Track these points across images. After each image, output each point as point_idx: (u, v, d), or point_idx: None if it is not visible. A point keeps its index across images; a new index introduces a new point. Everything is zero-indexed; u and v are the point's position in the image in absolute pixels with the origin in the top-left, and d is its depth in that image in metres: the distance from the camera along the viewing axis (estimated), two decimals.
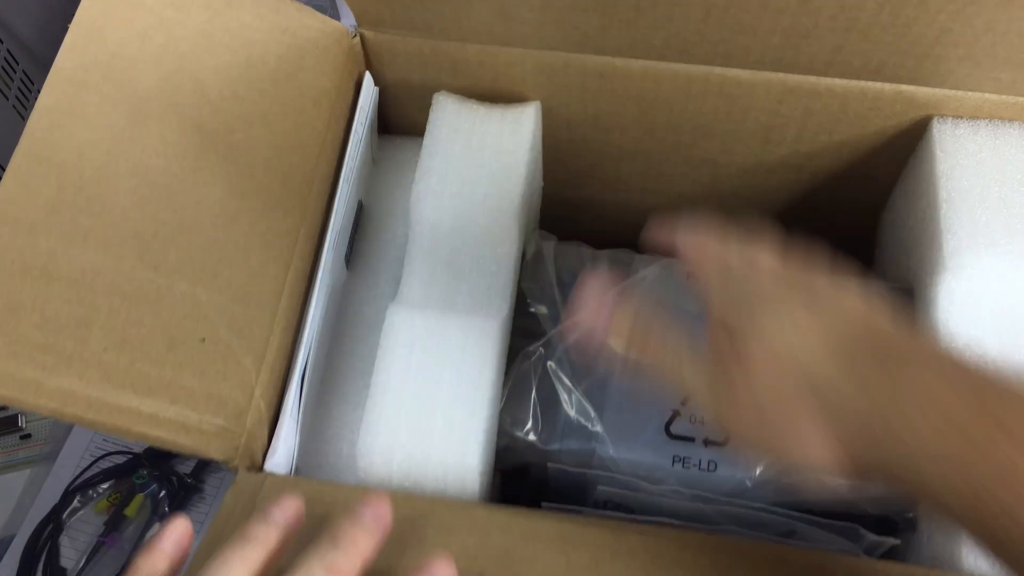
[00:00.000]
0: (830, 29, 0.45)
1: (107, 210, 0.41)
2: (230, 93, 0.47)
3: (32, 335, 0.38)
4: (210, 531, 0.40)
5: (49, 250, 0.40)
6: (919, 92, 0.50)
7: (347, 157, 0.51)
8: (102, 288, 0.40)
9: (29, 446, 0.70)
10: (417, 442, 0.44)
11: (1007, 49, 0.45)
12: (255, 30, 0.49)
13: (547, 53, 0.51)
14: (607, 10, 0.47)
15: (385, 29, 0.52)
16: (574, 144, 0.58)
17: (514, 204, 0.50)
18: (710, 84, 0.51)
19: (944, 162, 0.49)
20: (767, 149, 0.56)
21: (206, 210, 0.44)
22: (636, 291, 0.38)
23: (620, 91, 0.53)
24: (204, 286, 0.43)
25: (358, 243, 0.55)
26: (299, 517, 0.35)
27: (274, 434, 0.45)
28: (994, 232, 0.47)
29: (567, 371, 0.48)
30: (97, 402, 0.39)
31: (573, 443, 0.47)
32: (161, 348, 0.41)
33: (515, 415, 0.47)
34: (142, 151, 0.43)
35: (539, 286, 0.51)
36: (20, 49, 0.74)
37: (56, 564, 0.64)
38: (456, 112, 0.53)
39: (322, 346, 0.49)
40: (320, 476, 0.48)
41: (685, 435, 0.47)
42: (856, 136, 0.54)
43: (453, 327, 0.46)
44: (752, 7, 0.45)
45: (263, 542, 0.33)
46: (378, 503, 0.35)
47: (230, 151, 0.46)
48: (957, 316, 0.47)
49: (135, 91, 0.44)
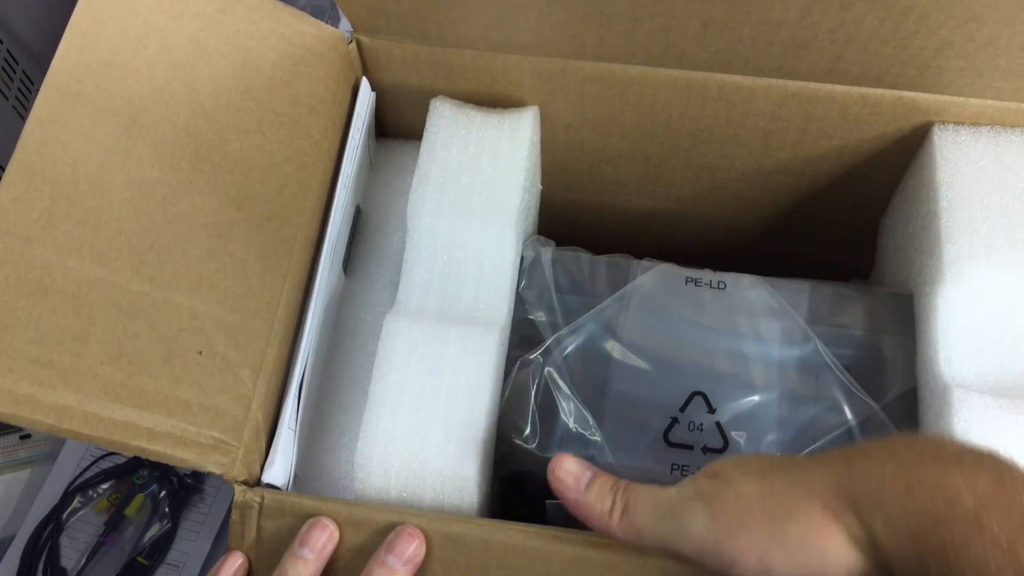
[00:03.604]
0: (830, 42, 0.45)
1: (102, 222, 0.41)
2: (225, 102, 0.47)
3: (28, 350, 0.38)
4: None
5: (44, 264, 0.39)
6: (920, 98, 0.49)
7: (344, 163, 0.51)
8: (98, 301, 0.40)
9: (29, 446, 0.71)
10: (415, 451, 0.44)
11: (1009, 61, 0.45)
12: (250, 37, 0.49)
13: (544, 59, 0.51)
14: (604, 20, 0.46)
15: (381, 36, 0.52)
16: (572, 149, 0.58)
17: (512, 209, 0.50)
18: (709, 89, 0.51)
19: (945, 169, 0.49)
20: (767, 154, 0.56)
21: (202, 221, 0.44)
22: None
23: (618, 96, 0.53)
24: (201, 298, 0.43)
25: (356, 248, 0.55)
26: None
27: (272, 445, 0.45)
28: (995, 241, 0.47)
29: (566, 379, 0.48)
30: (94, 417, 0.39)
31: (572, 451, 0.47)
32: (158, 361, 0.41)
33: (514, 423, 0.47)
34: (136, 162, 0.43)
35: (537, 292, 0.50)
36: (20, 49, 0.74)
37: (56, 564, 0.64)
38: (453, 117, 0.53)
39: (319, 355, 0.49)
40: (318, 485, 0.48)
41: (684, 443, 0.47)
42: (856, 141, 0.53)
43: (451, 335, 0.46)
44: (750, 20, 0.44)
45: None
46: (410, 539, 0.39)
47: (225, 160, 0.46)
48: (957, 325, 0.47)
49: (129, 101, 0.44)
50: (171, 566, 0.65)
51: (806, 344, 0.48)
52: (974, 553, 0.29)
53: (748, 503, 0.34)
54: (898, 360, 0.48)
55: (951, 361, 0.46)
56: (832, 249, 0.64)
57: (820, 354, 0.48)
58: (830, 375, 0.47)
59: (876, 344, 0.49)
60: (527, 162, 0.51)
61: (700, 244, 0.65)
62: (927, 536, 0.30)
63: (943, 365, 0.46)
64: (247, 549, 0.42)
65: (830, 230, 0.62)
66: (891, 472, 0.31)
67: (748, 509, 0.34)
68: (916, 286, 0.50)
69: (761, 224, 0.63)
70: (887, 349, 0.49)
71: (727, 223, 0.63)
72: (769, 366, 0.48)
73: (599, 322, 0.49)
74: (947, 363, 0.46)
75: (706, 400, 0.47)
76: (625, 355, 0.48)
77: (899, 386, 0.48)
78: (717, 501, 0.34)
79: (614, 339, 0.49)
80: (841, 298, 0.50)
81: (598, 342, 0.49)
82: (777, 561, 0.32)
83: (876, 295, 0.51)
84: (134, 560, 0.64)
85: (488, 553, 0.40)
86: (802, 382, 0.47)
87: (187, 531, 0.66)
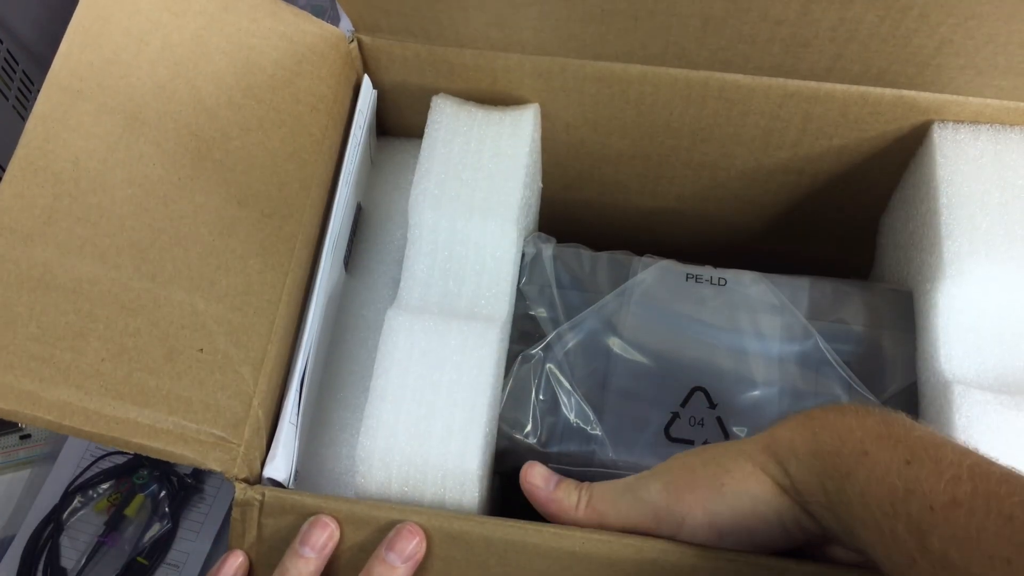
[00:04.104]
0: (830, 39, 0.45)
1: (104, 219, 0.41)
2: (227, 99, 0.47)
3: (29, 346, 0.38)
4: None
5: (45, 260, 0.39)
6: (920, 97, 0.49)
7: (346, 160, 0.51)
8: (99, 298, 0.40)
9: (29, 446, 0.71)
10: (416, 446, 0.44)
11: (1008, 59, 0.45)
12: (252, 35, 0.49)
13: (545, 58, 0.51)
14: (605, 19, 0.46)
15: (382, 35, 0.52)
16: (573, 147, 0.58)
17: (513, 206, 0.50)
18: (709, 88, 0.51)
19: (945, 167, 0.49)
20: (767, 153, 0.56)
21: (203, 218, 0.44)
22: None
23: (618, 95, 0.53)
24: (202, 295, 0.43)
25: (357, 245, 0.55)
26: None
27: (273, 440, 0.45)
28: (995, 238, 0.47)
29: (567, 374, 0.48)
30: (95, 414, 0.39)
31: (573, 446, 0.47)
32: (159, 358, 0.41)
33: (515, 418, 0.47)
34: (138, 159, 0.43)
35: (538, 288, 0.51)
36: (20, 49, 0.74)
37: (56, 564, 0.64)
38: (454, 114, 0.53)
39: (321, 351, 0.49)
40: (320, 480, 0.48)
41: (684, 438, 0.47)
42: (856, 140, 0.53)
43: (452, 330, 0.46)
44: (751, 18, 0.44)
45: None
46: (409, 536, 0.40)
47: (227, 158, 0.46)
48: (957, 322, 0.47)
49: (131, 98, 0.44)
50: (171, 566, 0.65)
51: (806, 340, 0.48)
52: (862, 475, 0.33)
53: (692, 468, 0.39)
54: (898, 356, 0.48)
55: (951, 358, 0.46)
56: (832, 248, 0.64)
57: (820, 349, 0.48)
58: (830, 370, 0.47)
59: (876, 340, 0.49)
60: (528, 159, 0.51)
61: (700, 243, 0.66)
62: (827, 469, 0.35)
63: (943, 362, 0.46)
64: (248, 547, 0.42)
65: (830, 229, 0.62)
66: (801, 424, 0.37)
67: (692, 472, 0.39)
68: (916, 283, 0.50)
69: (761, 223, 0.63)
70: (887, 345, 0.49)
71: (727, 222, 0.63)
72: (770, 361, 0.48)
73: (600, 318, 0.49)
74: (947, 360, 0.46)
75: (707, 395, 0.47)
76: (626, 350, 0.49)
77: (899, 381, 0.48)
78: (666, 472, 0.40)
79: (615, 335, 0.49)
80: (841, 294, 0.50)
81: (599, 338, 0.49)
82: (718, 510, 0.38)
83: (876, 291, 0.51)
84: (134, 560, 0.64)
85: (488, 550, 0.40)
86: (802, 377, 0.47)
87: (187, 531, 0.66)
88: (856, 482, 0.34)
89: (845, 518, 0.34)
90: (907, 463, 0.33)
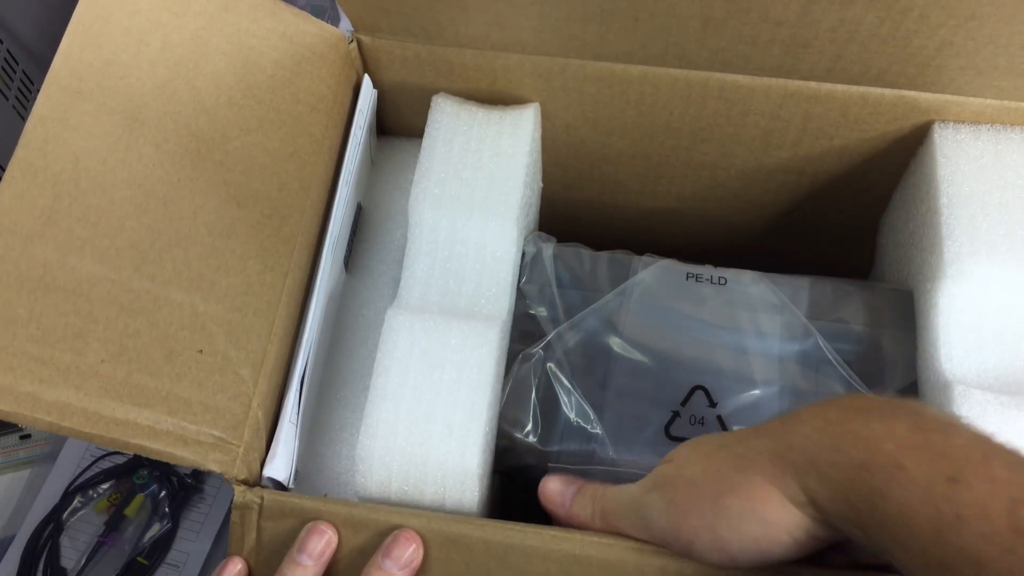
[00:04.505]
0: (830, 40, 0.45)
1: (103, 220, 0.41)
2: (226, 100, 0.47)
3: (29, 347, 0.38)
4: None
5: (45, 261, 0.39)
6: (920, 97, 0.49)
7: (346, 160, 0.51)
8: (99, 299, 0.40)
9: (29, 446, 0.71)
10: (416, 445, 0.44)
11: (1009, 60, 0.45)
12: (252, 35, 0.49)
13: (545, 59, 0.51)
14: (605, 19, 0.46)
15: (382, 35, 0.52)
16: (573, 146, 0.58)
17: (513, 206, 0.50)
18: (709, 88, 0.51)
19: (945, 167, 0.49)
20: (767, 153, 0.56)
21: (203, 219, 0.44)
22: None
23: (619, 95, 0.53)
24: (202, 296, 0.43)
25: (357, 245, 0.55)
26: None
27: (273, 440, 0.45)
28: (995, 238, 0.47)
29: (567, 373, 0.48)
30: (94, 415, 0.39)
31: (573, 444, 0.47)
32: (159, 359, 0.41)
33: (515, 417, 0.47)
34: (138, 160, 0.43)
35: (538, 288, 0.51)
36: (20, 49, 0.74)
37: (56, 564, 0.64)
38: (455, 114, 0.53)
39: (321, 351, 0.49)
40: (319, 480, 0.48)
41: (685, 437, 0.47)
42: (857, 140, 0.53)
43: (452, 330, 0.46)
44: (751, 19, 0.44)
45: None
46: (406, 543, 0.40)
47: (227, 158, 0.46)
48: (958, 322, 0.47)
49: (130, 98, 0.44)
50: (171, 566, 0.65)
51: (807, 339, 0.48)
52: (898, 494, 0.30)
53: (695, 485, 0.36)
54: (898, 355, 0.48)
55: (952, 358, 0.46)
56: (832, 248, 0.64)
57: (821, 349, 0.48)
58: (831, 369, 0.47)
59: (876, 339, 0.49)
60: (528, 158, 0.51)
61: (700, 243, 0.65)
62: (855, 485, 0.31)
63: (944, 362, 0.46)
64: (247, 551, 0.42)
65: (830, 229, 0.62)
66: (819, 430, 0.33)
67: (696, 490, 0.36)
68: (916, 283, 0.50)
69: (761, 223, 0.63)
70: (887, 344, 0.49)
71: (727, 222, 0.63)
72: (770, 360, 0.48)
73: (600, 317, 0.49)
74: (948, 360, 0.46)
75: (707, 394, 0.47)
76: (626, 349, 0.49)
77: (899, 380, 0.48)
78: (670, 489, 0.37)
79: (615, 334, 0.49)
80: (841, 293, 0.50)
81: (599, 337, 0.49)
82: (726, 535, 0.34)
83: (876, 290, 0.51)
84: (134, 560, 0.64)
85: (488, 553, 0.40)
86: (803, 376, 0.47)
87: (187, 531, 0.66)
88: (893, 502, 0.30)
89: (880, 539, 0.31)
90: (952, 481, 0.29)
